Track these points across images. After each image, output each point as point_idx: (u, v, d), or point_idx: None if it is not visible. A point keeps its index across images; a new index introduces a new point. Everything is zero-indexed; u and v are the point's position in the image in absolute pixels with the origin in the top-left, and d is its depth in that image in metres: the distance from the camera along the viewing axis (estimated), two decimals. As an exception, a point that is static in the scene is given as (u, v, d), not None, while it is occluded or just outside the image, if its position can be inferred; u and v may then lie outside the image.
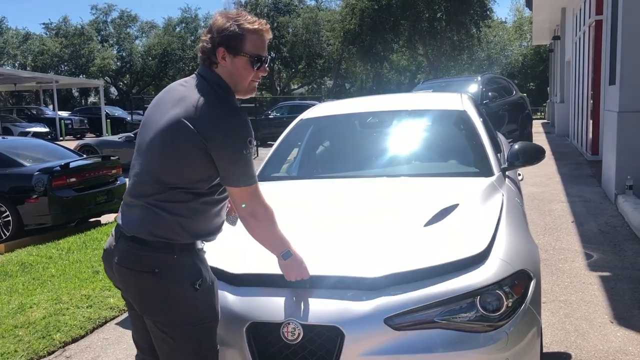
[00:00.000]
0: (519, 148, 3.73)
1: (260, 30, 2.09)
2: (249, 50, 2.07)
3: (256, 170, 2.15)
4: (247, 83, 2.12)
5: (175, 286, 2.05)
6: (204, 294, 2.10)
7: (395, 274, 2.35)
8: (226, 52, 2.07)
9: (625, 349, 3.47)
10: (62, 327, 4.07)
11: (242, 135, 2.01)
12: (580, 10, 13.69)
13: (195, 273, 2.09)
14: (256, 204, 2.13)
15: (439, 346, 2.26)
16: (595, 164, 10.64)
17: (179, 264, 2.06)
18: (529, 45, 42.44)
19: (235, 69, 2.08)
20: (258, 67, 2.11)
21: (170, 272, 2.05)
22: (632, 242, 5.66)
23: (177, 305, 2.06)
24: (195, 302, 2.08)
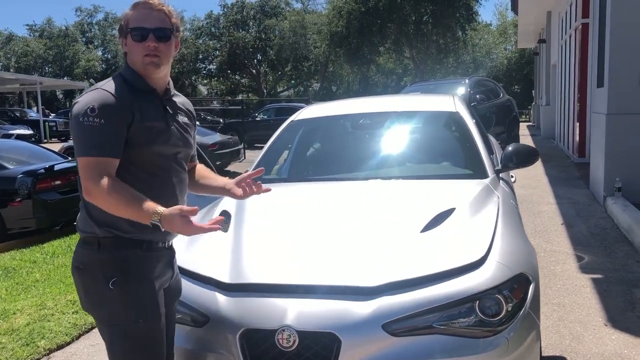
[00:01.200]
0: (512, 150, 3.70)
1: (137, 4, 2.12)
2: (131, 25, 2.09)
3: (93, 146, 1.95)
4: (140, 58, 2.08)
5: (92, 283, 2.05)
6: (120, 293, 2.02)
7: (394, 282, 2.30)
8: (121, 38, 2.14)
9: (620, 352, 3.44)
10: (46, 334, 3.97)
11: (85, 102, 1.99)
12: (566, 13, 13.78)
13: (111, 271, 2.02)
14: (87, 179, 1.94)
15: (437, 352, 2.21)
16: (582, 166, 10.69)
17: (97, 259, 2.04)
18: (513, 49, 42.77)
19: (129, 51, 2.12)
20: (143, 39, 2.07)
21: (89, 268, 2.06)
22: (622, 244, 5.66)
23: (94, 303, 2.07)
24: (109, 302, 2.03)
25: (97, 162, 1.95)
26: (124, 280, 2.03)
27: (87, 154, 1.95)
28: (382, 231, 2.68)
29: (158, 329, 2.11)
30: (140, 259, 2.08)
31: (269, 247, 2.67)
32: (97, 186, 1.93)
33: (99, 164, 1.95)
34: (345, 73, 44.42)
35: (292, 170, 4.09)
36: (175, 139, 2.19)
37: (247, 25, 46.48)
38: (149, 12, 2.10)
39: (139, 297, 2.05)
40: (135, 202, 1.94)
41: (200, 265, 2.59)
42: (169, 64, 2.18)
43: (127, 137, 2.03)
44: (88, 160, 1.95)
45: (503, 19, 47.01)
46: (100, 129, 1.96)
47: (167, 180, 2.16)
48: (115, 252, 2.04)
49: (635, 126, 6.96)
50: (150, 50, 2.08)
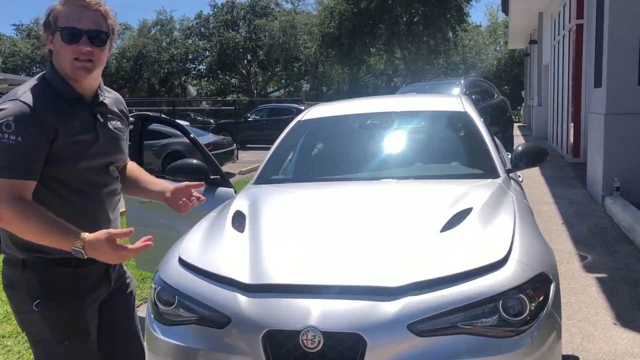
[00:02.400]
0: (522, 149, 3.70)
1: (69, 1, 1.92)
2: (61, 24, 1.90)
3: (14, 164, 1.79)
4: (69, 61, 1.90)
5: (19, 302, 1.99)
6: (44, 314, 1.95)
7: (418, 282, 2.27)
8: (47, 34, 1.94)
9: (632, 351, 3.46)
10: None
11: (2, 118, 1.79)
12: (559, 14, 13.87)
13: (36, 291, 1.93)
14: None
15: (463, 352, 2.19)
16: (577, 166, 10.76)
17: (23, 279, 1.95)
18: (503, 49, 43.01)
19: (56, 50, 1.92)
20: (76, 41, 1.89)
21: (16, 286, 1.98)
22: (624, 243, 5.69)
23: (23, 321, 2.02)
24: (34, 322, 1.98)
25: (9, 185, 1.78)
26: (48, 301, 1.94)
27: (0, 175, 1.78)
28: (401, 231, 2.66)
29: (84, 347, 2.05)
30: (67, 277, 1.97)
31: (287, 247, 2.63)
32: (9, 210, 1.77)
33: (12, 187, 1.78)
34: (336, 74, 44.43)
35: (302, 170, 4.06)
36: (106, 149, 2.05)
37: (237, 26, 46.33)
38: (82, 11, 1.91)
39: (63, 317, 1.98)
40: (54, 227, 1.80)
41: (217, 266, 2.55)
42: (101, 68, 2.02)
43: (50, 154, 1.87)
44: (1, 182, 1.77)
45: (493, 19, 47.29)
46: (15, 147, 1.78)
47: (97, 194, 2.03)
48: (41, 272, 1.94)
49: (633, 126, 7.01)
50: (82, 54, 1.90)
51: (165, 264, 2.73)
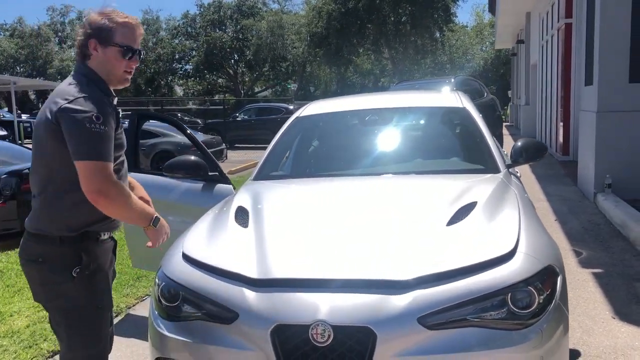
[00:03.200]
0: (522, 145, 3.72)
1: (130, 23, 2.26)
2: (119, 41, 2.22)
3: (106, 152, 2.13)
4: (120, 73, 2.27)
5: (52, 274, 2.20)
6: (81, 282, 2.22)
7: (426, 276, 2.26)
8: (97, 43, 2.22)
9: (632, 344, 3.48)
10: (49, 336, 3.84)
11: (88, 108, 2.09)
12: (548, 14, 13.97)
13: (73, 261, 2.20)
14: (103, 182, 2.11)
15: (473, 345, 2.18)
16: (567, 164, 10.85)
17: (58, 252, 2.20)
18: (489, 49, 43.28)
19: (106, 59, 2.23)
20: (129, 58, 2.26)
21: (49, 260, 2.20)
22: (617, 239, 5.74)
23: (54, 293, 2.23)
24: (70, 290, 2.21)
25: (109, 167, 2.13)
26: (85, 269, 2.23)
27: (102, 159, 2.10)
28: (407, 224, 2.65)
29: (108, 315, 2.38)
30: (96, 251, 2.29)
31: (293, 242, 2.61)
32: (116, 189, 2.13)
33: (108, 168, 2.13)
34: (323, 73, 44.44)
35: (302, 166, 4.04)
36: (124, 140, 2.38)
37: (224, 26, 46.18)
38: (136, 32, 2.29)
39: (97, 285, 2.28)
40: (139, 204, 2.26)
41: (223, 261, 2.51)
42: None
43: None
44: (104, 165, 2.10)
45: (479, 20, 47.56)
46: (106, 136, 2.12)
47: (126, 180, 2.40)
48: (76, 246, 2.21)
49: (624, 123, 7.08)
50: (131, 68, 2.30)
51: (168, 260, 2.70)
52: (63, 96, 2.14)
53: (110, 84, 2.29)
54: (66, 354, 2.32)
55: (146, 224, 2.29)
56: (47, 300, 2.28)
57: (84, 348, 2.29)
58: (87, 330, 2.28)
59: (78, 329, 2.26)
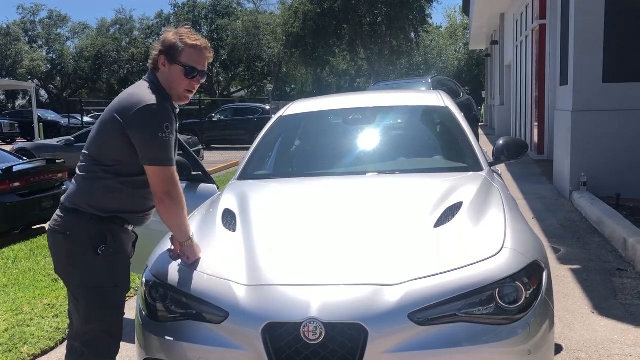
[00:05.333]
0: (503, 143, 3.77)
1: (198, 45, 2.45)
2: (184, 61, 2.42)
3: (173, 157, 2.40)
4: (182, 90, 2.46)
5: (78, 248, 2.36)
6: (105, 260, 2.37)
7: (417, 280, 2.28)
8: (166, 59, 2.44)
9: (611, 337, 3.55)
10: (28, 339, 3.77)
11: (159, 119, 2.32)
12: (522, 15, 14.19)
13: (100, 239, 2.37)
14: (171, 185, 2.37)
15: (463, 340, 2.21)
16: (542, 163, 11.02)
17: (86, 228, 2.37)
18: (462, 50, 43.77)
19: (171, 76, 2.44)
20: (192, 77, 2.45)
21: (77, 235, 2.37)
22: (594, 236, 5.86)
23: (77, 266, 2.37)
24: (93, 266, 2.36)
25: (174, 172, 2.39)
26: (111, 249, 2.39)
27: (170, 164, 2.36)
28: (395, 227, 2.64)
29: (125, 296, 2.54)
30: (121, 234, 2.46)
31: (282, 248, 2.57)
32: (179, 193, 2.39)
33: (175, 173, 2.39)
34: (299, 74, 44.43)
35: (285, 165, 4.03)
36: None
37: (199, 25, 45.82)
38: (204, 55, 2.47)
39: (119, 265, 2.44)
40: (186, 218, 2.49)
41: (212, 269, 2.48)
42: None
43: None
44: (171, 170, 2.37)
45: (452, 21, 48.06)
46: (171, 144, 2.36)
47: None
48: (104, 225, 2.39)
49: (599, 123, 7.22)
50: (193, 87, 2.49)
51: (155, 260, 2.66)
52: (136, 100, 2.35)
53: (172, 98, 2.48)
54: (82, 327, 2.43)
55: (186, 238, 2.46)
56: (68, 274, 2.43)
57: (101, 322, 2.43)
58: (106, 306, 2.42)
59: (97, 303, 2.40)
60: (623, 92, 7.15)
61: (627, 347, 3.42)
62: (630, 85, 7.14)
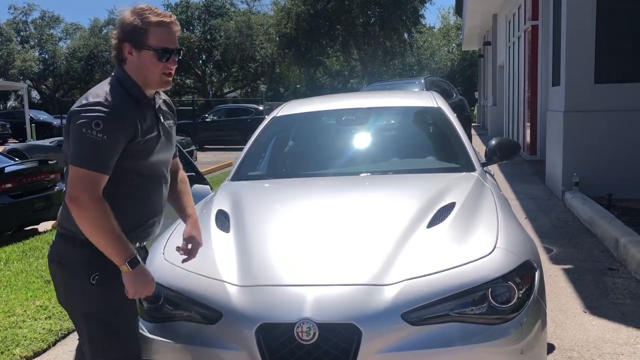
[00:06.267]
0: (496, 143, 3.79)
1: (164, 22, 2.10)
2: (153, 44, 2.08)
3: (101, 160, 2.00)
4: (158, 76, 2.13)
5: (73, 278, 2.13)
6: (101, 288, 2.11)
7: (411, 280, 2.29)
8: (131, 47, 2.09)
9: (603, 337, 3.57)
10: (21, 341, 3.76)
11: (90, 114, 1.99)
12: (514, 16, 14.24)
13: (93, 267, 2.10)
14: (79, 190, 1.98)
15: (456, 340, 2.22)
16: (534, 164, 11.07)
17: (78, 255, 2.12)
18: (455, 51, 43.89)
19: (142, 63, 2.10)
20: (167, 60, 2.12)
21: (70, 263, 2.14)
22: (586, 236, 5.89)
23: (75, 297, 2.16)
24: (90, 296, 2.12)
25: (92, 177, 1.99)
26: (105, 276, 2.10)
27: (85, 166, 1.98)
28: (389, 228, 2.63)
29: (134, 322, 2.25)
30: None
31: (276, 249, 2.57)
32: (90, 199, 1.98)
33: (94, 179, 1.99)
34: (293, 74, 44.42)
35: (279, 166, 4.03)
36: (165, 145, 2.25)
37: (192, 26, 45.73)
38: (170, 30, 2.13)
39: (116, 291, 2.10)
40: (117, 236, 2.02)
41: (206, 269, 2.48)
42: None
43: (126, 150, 2.08)
44: (85, 173, 1.98)
45: (446, 22, 48.18)
46: (101, 145, 1.98)
47: (158, 185, 2.27)
48: (95, 249, 2.05)
49: (591, 123, 7.27)
50: (170, 69, 2.14)
51: (148, 261, 2.65)
52: (80, 100, 2.08)
53: (150, 88, 2.17)
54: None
55: (119, 261, 2.03)
56: (68, 304, 2.21)
57: (105, 356, 2.17)
58: (108, 337, 2.16)
59: (98, 336, 2.16)
60: (615, 92, 7.19)
61: (618, 346, 3.44)
62: (621, 86, 7.18)
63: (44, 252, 6.28)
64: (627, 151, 7.13)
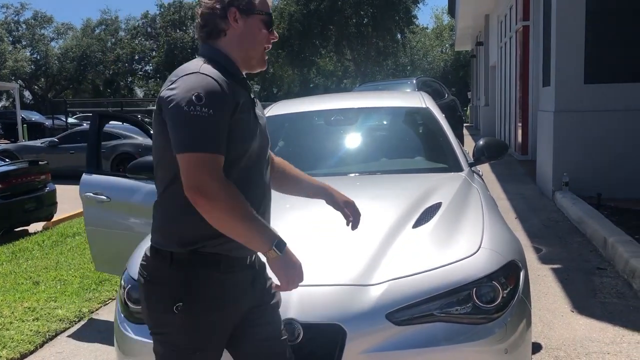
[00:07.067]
0: (484, 144, 3.79)
1: None
2: (261, 8, 1.81)
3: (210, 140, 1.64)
4: (261, 49, 1.85)
5: (156, 300, 1.78)
6: (183, 320, 1.74)
7: (395, 280, 2.29)
8: (238, 12, 1.78)
9: (590, 336, 3.59)
10: (7, 343, 3.74)
11: (187, 87, 1.65)
12: (506, 16, 14.29)
13: (180, 293, 1.74)
14: (201, 178, 1.60)
15: (441, 340, 2.22)
16: (526, 163, 11.11)
17: (167, 276, 1.76)
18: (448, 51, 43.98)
19: (250, 33, 1.80)
20: (270, 29, 1.86)
21: (157, 283, 1.78)
22: (575, 235, 5.92)
23: (155, 320, 1.81)
24: (170, 324, 1.77)
25: (210, 159, 1.62)
26: (190, 307, 1.74)
27: (198, 149, 1.61)
28: (374, 228, 2.64)
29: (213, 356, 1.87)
30: (214, 282, 1.77)
31: None
32: (216, 186, 1.60)
33: (213, 160, 1.63)
34: (286, 75, 44.40)
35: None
36: (263, 131, 1.89)
37: (185, 26, 45.68)
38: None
39: (202, 327, 1.77)
40: (256, 219, 1.68)
41: None
42: None
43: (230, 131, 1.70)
44: (200, 157, 1.61)
45: (439, 22, 48.27)
46: (209, 121, 1.63)
47: (264, 176, 1.90)
48: (188, 271, 1.74)
49: (581, 123, 7.30)
50: (271, 41, 1.88)
51: (134, 262, 2.65)
52: (169, 80, 1.73)
53: (247, 65, 1.84)
54: None
55: (266, 247, 1.69)
56: (149, 325, 1.85)
57: None
58: None
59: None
60: (604, 93, 7.23)
61: (605, 345, 3.46)
62: (610, 86, 7.22)
63: (34, 254, 6.27)
64: (617, 151, 7.17)
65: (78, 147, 12.50)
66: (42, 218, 8.04)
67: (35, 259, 6.03)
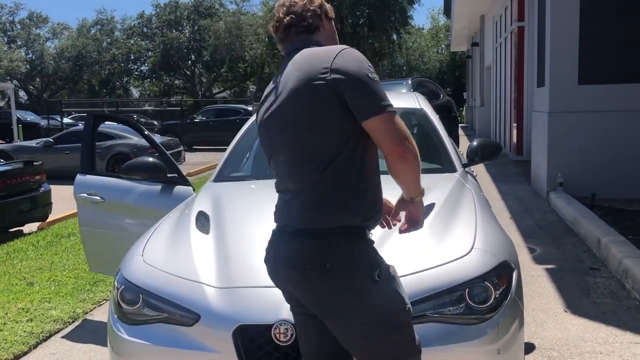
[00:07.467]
0: (477, 144, 3.81)
1: None
2: (330, 15, 2.07)
3: None
4: None
5: (356, 280, 1.78)
6: (386, 284, 1.82)
7: None
8: (324, 16, 2.04)
9: (582, 336, 3.61)
10: (1, 344, 3.72)
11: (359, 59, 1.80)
12: (501, 17, 14.33)
13: (374, 262, 1.84)
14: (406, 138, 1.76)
15: (434, 340, 2.23)
16: (520, 164, 11.14)
17: (365, 251, 1.84)
18: (444, 52, 44.03)
19: (332, 32, 2.05)
20: None
21: (356, 262, 1.80)
22: (569, 236, 5.94)
23: (355, 304, 1.78)
24: (375, 296, 1.78)
25: (400, 119, 1.80)
26: (382, 270, 1.84)
27: (392, 109, 1.77)
28: None
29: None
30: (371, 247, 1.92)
31: (254, 249, 2.56)
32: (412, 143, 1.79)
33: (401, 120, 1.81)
34: (282, 75, 44.25)
35: (263, 167, 4.01)
36: None
37: (181, 26, 45.55)
38: None
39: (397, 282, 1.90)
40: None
41: (184, 271, 2.49)
42: None
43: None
44: (395, 117, 1.77)
45: (435, 23, 48.33)
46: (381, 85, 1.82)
47: None
48: (365, 243, 1.87)
49: (575, 124, 7.33)
50: None
51: (127, 263, 2.66)
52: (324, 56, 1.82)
53: None
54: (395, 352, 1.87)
55: (419, 191, 1.94)
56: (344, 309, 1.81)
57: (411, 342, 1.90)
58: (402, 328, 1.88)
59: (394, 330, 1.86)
60: (598, 93, 7.26)
61: (597, 345, 3.48)
62: (604, 87, 7.25)
63: (28, 254, 6.25)
64: (611, 152, 7.20)
65: (73, 148, 12.46)
66: (37, 218, 8.02)
67: (30, 260, 6.01)
